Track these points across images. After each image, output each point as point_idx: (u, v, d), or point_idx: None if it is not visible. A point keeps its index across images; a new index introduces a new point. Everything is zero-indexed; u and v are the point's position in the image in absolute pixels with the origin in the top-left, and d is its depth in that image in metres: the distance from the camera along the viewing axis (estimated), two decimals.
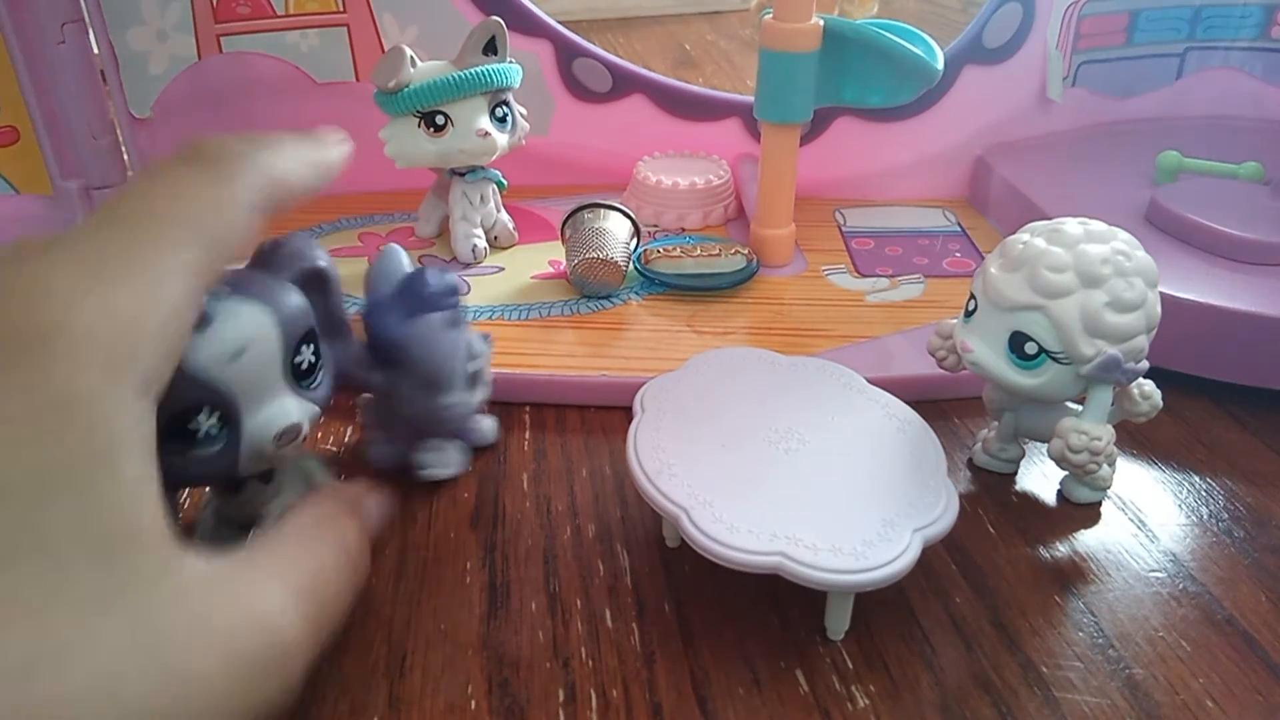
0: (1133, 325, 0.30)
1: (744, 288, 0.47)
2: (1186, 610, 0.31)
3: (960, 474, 0.37)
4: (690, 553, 0.29)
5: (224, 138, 0.26)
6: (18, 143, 0.46)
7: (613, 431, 0.39)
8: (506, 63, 0.46)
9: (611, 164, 0.57)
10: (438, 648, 0.29)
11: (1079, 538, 0.34)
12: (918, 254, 0.50)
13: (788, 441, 0.31)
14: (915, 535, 0.28)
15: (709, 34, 1.09)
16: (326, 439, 0.38)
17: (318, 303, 0.29)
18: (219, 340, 0.25)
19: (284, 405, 0.27)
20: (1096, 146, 0.56)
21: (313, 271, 0.29)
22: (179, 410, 0.25)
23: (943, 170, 0.57)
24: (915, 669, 0.28)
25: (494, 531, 0.34)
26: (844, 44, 0.44)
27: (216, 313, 0.26)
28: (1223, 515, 0.35)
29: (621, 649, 0.29)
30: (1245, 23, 0.59)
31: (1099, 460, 0.32)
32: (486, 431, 0.38)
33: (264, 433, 0.26)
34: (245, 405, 0.26)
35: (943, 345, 0.36)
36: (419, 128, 0.45)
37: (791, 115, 0.46)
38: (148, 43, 0.49)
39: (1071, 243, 0.31)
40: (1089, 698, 0.28)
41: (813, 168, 0.54)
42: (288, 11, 0.52)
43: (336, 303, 0.30)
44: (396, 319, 0.33)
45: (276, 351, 0.27)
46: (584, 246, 0.45)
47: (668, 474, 0.30)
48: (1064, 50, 0.56)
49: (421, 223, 0.52)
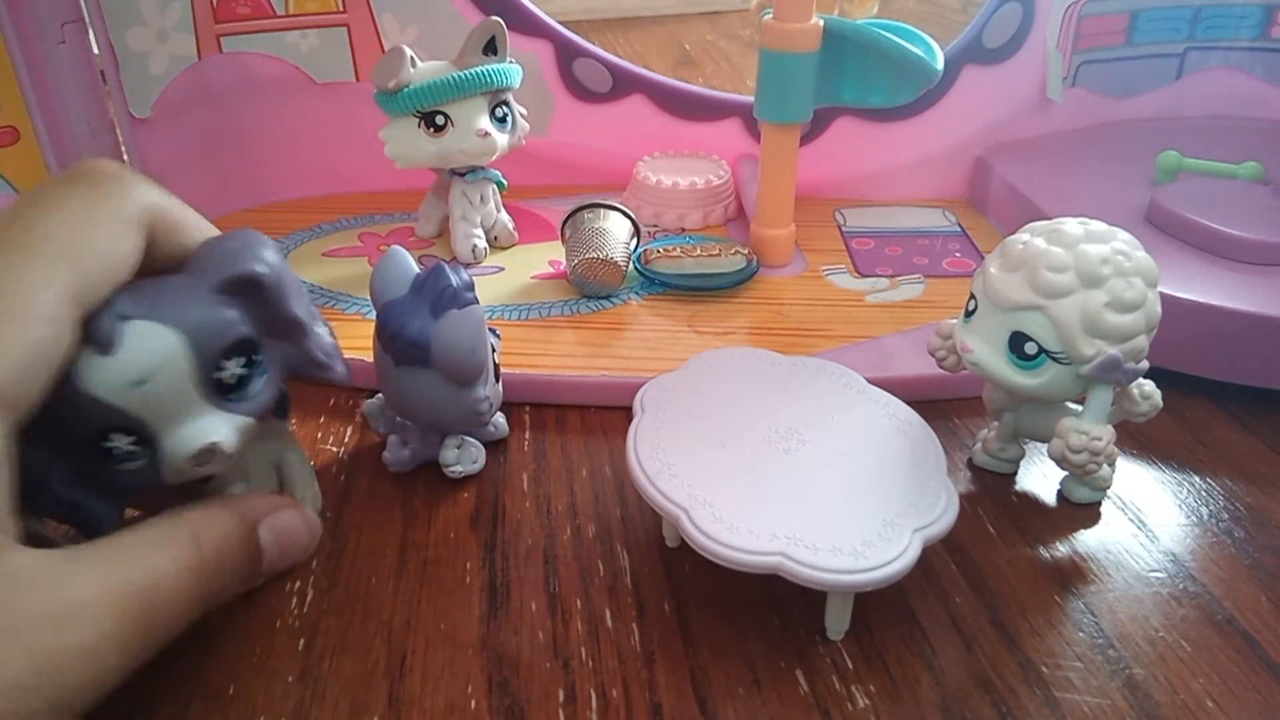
0: (1133, 325, 0.30)
1: (744, 288, 0.47)
2: (1186, 610, 0.31)
3: (960, 474, 0.37)
4: (690, 553, 0.29)
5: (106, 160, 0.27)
6: (18, 143, 0.46)
7: (613, 431, 0.39)
8: (506, 63, 0.46)
9: (611, 164, 0.57)
10: (438, 648, 0.29)
11: (1079, 538, 0.34)
12: (918, 254, 0.50)
13: (788, 441, 0.31)
14: (915, 535, 0.28)
15: (709, 34, 1.09)
16: (326, 439, 0.38)
17: (256, 308, 0.28)
18: (122, 366, 0.25)
19: (200, 426, 0.26)
20: (1096, 146, 0.57)
21: (242, 278, 0.27)
22: (90, 433, 0.25)
23: (943, 170, 0.57)
24: (915, 669, 0.28)
25: (494, 531, 0.34)
26: (844, 44, 0.44)
27: (122, 335, 0.25)
28: (1223, 515, 0.35)
29: (621, 649, 0.29)
30: (1245, 23, 0.59)
31: (1099, 460, 0.32)
32: (501, 426, 0.38)
33: (179, 453, 0.26)
34: (159, 427, 0.26)
35: (943, 345, 0.36)
36: (419, 128, 0.46)
37: (791, 115, 0.46)
38: (148, 43, 0.49)
39: (1071, 243, 0.31)
40: (1089, 698, 0.28)
41: (813, 168, 0.54)
42: (288, 11, 0.52)
43: (282, 304, 0.28)
44: (422, 319, 0.32)
45: (187, 373, 0.26)
46: (584, 246, 0.45)
47: (668, 474, 0.30)
48: (1064, 50, 0.56)
49: (421, 223, 0.52)
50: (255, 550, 0.28)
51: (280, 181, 0.56)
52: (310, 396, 0.41)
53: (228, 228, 0.30)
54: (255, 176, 0.55)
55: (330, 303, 0.46)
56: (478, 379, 0.33)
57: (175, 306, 0.26)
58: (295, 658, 0.29)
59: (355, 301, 0.46)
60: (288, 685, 0.28)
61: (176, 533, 0.26)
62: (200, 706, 0.27)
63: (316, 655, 0.29)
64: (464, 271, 0.33)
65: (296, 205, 0.56)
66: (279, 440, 0.33)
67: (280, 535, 0.29)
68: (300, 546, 0.31)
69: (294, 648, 0.29)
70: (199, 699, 0.27)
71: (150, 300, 0.26)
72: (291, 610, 0.30)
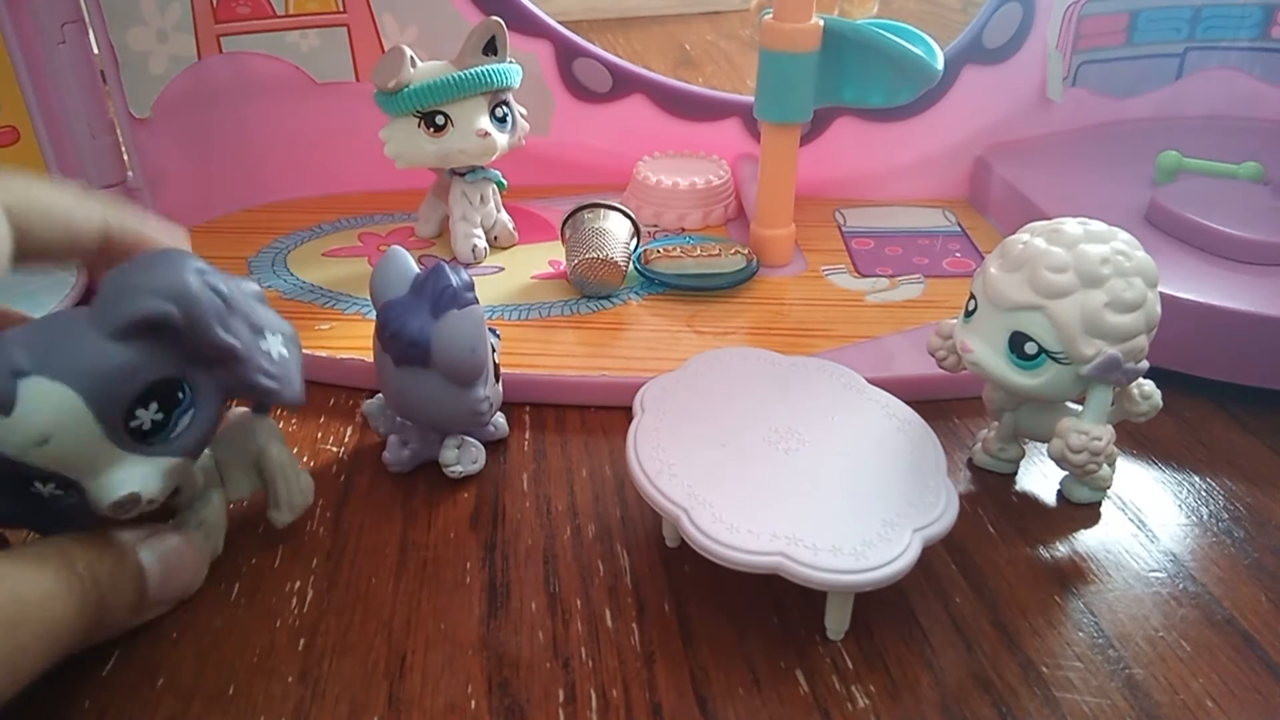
0: (1133, 325, 0.30)
1: (744, 288, 0.47)
2: (1186, 610, 0.31)
3: (960, 474, 0.37)
4: (690, 553, 0.29)
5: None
6: (18, 143, 0.46)
7: (613, 431, 0.39)
8: (506, 63, 0.46)
9: (611, 164, 0.57)
10: (438, 648, 0.29)
11: (1079, 538, 0.34)
12: (918, 254, 0.50)
13: (788, 441, 0.31)
14: (915, 535, 0.28)
15: (709, 34, 1.09)
16: (326, 439, 0.38)
17: (173, 342, 0.26)
18: (21, 429, 0.24)
19: (118, 477, 0.25)
20: (1096, 146, 0.57)
21: (142, 322, 0.25)
22: (12, 481, 0.25)
23: (943, 170, 0.57)
24: (915, 669, 0.28)
25: (494, 531, 0.34)
26: (844, 44, 0.44)
27: (18, 395, 0.23)
28: (1223, 515, 0.35)
29: (621, 649, 0.29)
30: (1245, 23, 0.59)
31: (1099, 460, 0.32)
32: (501, 426, 0.38)
33: (100, 502, 0.25)
34: (77, 476, 0.25)
35: (943, 345, 0.36)
36: (419, 128, 0.46)
37: (791, 115, 0.46)
38: (148, 43, 0.49)
39: (1071, 243, 0.31)
40: (1089, 698, 0.28)
41: (813, 168, 0.54)
42: (288, 11, 0.52)
43: (203, 335, 0.26)
44: (422, 319, 0.32)
45: (92, 429, 0.24)
46: (584, 246, 0.45)
47: (668, 474, 0.30)
48: (1064, 50, 0.56)
49: (421, 223, 0.52)
50: (136, 571, 0.28)
51: (280, 181, 0.56)
52: (310, 397, 0.41)
53: (228, 228, 0.29)
54: (255, 177, 0.55)
55: (330, 303, 0.46)
56: (478, 379, 0.33)
57: (70, 360, 0.24)
58: (295, 658, 0.29)
59: (355, 301, 0.46)
60: (288, 685, 0.28)
61: (48, 551, 0.26)
62: (200, 706, 0.27)
63: (316, 655, 0.29)
64: (464, 271, 0.33)
65: (296, 205, 0.56)
66: (259, 437, 0.32)
67: (164, 558, 0.29)
68: (189, 568, 0.30)
69: (294, 648, 0.29)
70: (199, 699, 0.27)
71: (45, 351, 0.24)
72: (291, 610, 0.30)
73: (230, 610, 0.30)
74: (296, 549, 0.33)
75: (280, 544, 0.33)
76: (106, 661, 0.28)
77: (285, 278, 0.48)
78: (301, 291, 0.47)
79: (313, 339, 0.42)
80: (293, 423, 0.39)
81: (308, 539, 0.33)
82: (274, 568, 0.32)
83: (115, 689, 0.28)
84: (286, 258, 0.50)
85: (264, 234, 0.52)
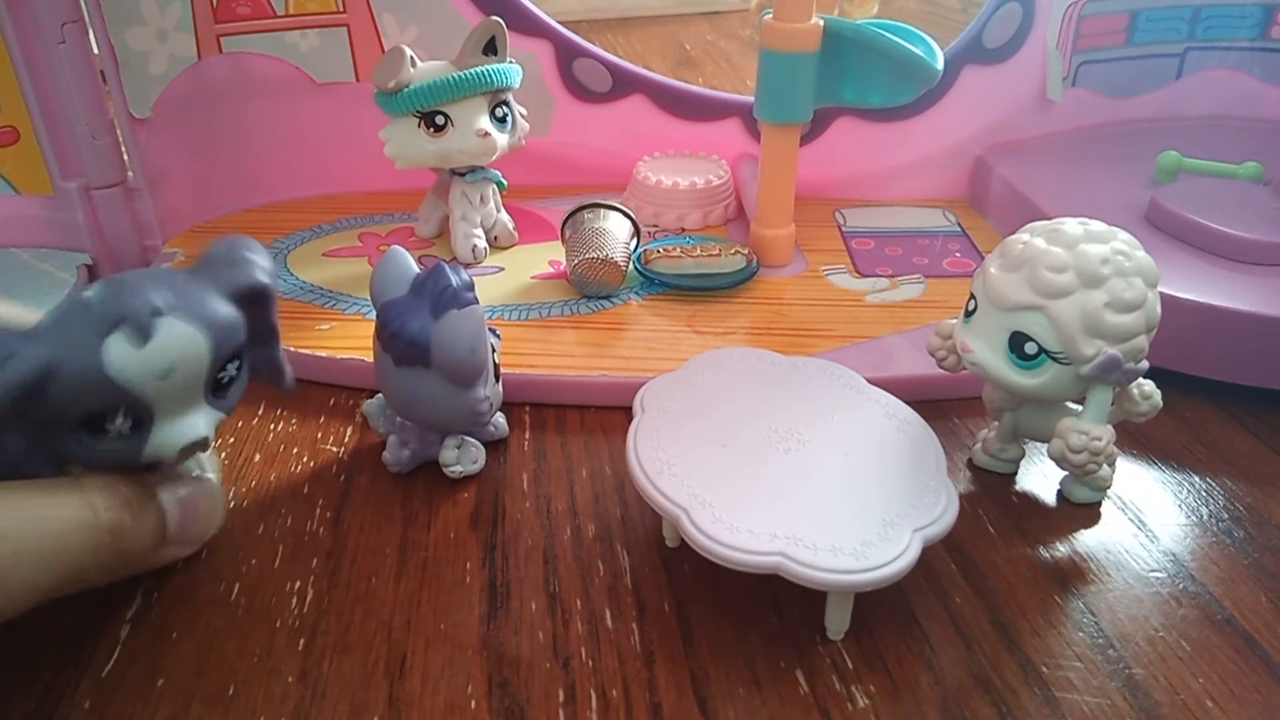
0: (1133, 325, 0.30)
1: (744, 288, 0.47)
2: (1186, 610, 0.31)
3: (960, 474, 0.37)
4: (690, 553, 0.29)
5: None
6: (18, 143, 0.46)
7: (613, 431, 0.39)
8: (506, 63, 0.46)
9: (611, 164, 0.57)
10: (438, 648, 0.29)
11: (1079, 538, 0.34)
12: (918, 254, 0.50)
13: (788, 441, 0.31)
14: (915, 535, 0.28)
15: (709, 34, 1.09)
16: (326, 439, 0.38)
17: (253, 315, 0.30)
18: (153, 358, 0.26)
19: (195, 420, 0.28)
20: (1096, 146, 0.57)
21: (253, 290, 0.29)
22: (97, 410, 0.26)
23: (943, 170, 0.57)
24: (915, 669, 0.28)
25: (494, 531, 0.34)
26: (844, 44, 0.44)
27: (156, 330, 0.26)
28: (1223, 515, 0.35)
29: (621, 649, 0.29)
30: (1245, 23, 0.59)
31: (1099, 460, 0.32)
32: (501, 426, 0.38)
33: (171, 444, 0.27)
34: (160, 416, 0.27)
35: (943, 345, 0.36)
36: (419, 128, 0.46)
37: (791, 115, 0.46)
38: (148, 43, 0.49)
39: (1071, 243, 0.31)
40: (1089, 698, 0.28)
41: (813, 168, 0.54)
42: (288, 11, 0.52)
43: (271, 314, 0.31)
44: (422, 319, 0.32)
45: (204, 372, 0.28)
46: (584, 246, 0.45)
47: (668, 474, 0.30)
48: (1064, 50, 0.56)
49: (421, 223, 0.52)
50: (156, 509, 0.29)
51: (280, 181, 0.56)
52: (310, 396, 0.41)
53: (228, 228, 0.30)
54: (255, 177, 0.55)
55: (330, 303, 0.46)
56: (478, 379, 0.33)
57: (201, 309, 0.27)
58: (295, 658, 0.29)
59: (355, 301, 0.46)
60: (288, 685, 0.28)
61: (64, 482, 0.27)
62: (200, 706, 0.27)
63: (316, 655, 0.29)
64: (464, 271, 0.33)
65: (296, 205, 0.56)
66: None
67: (183, 500, 0.30)
68: (205, 512, 0.31)
69: (294, 648, 0.29)
70: (199, 699, 0.27)
71: (180, 298, 0.27)
72: (291, 610, 0.30)
73: (230, 610, 0.30)
74: (296, 549, 0.33)
75: (280, 544, 0.33)
76: (106, 661, 0.28)
77: (285, 278, 0.48)
78: (301, 291, 0.47)
79: (313, 339, 0.42)
80: (293, 423, 0.39)
81: (308, 539, 0.33)
82: (274, 568, 0.32)
83: (115, 689, 0.28)
84: (286, 258, 0.50)
85: (264, 234, 0.52)
